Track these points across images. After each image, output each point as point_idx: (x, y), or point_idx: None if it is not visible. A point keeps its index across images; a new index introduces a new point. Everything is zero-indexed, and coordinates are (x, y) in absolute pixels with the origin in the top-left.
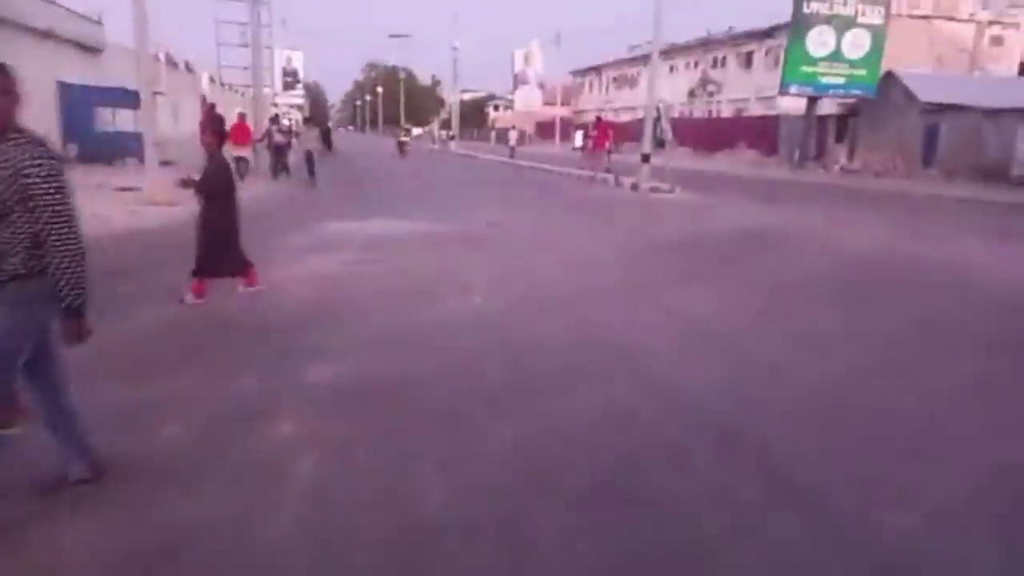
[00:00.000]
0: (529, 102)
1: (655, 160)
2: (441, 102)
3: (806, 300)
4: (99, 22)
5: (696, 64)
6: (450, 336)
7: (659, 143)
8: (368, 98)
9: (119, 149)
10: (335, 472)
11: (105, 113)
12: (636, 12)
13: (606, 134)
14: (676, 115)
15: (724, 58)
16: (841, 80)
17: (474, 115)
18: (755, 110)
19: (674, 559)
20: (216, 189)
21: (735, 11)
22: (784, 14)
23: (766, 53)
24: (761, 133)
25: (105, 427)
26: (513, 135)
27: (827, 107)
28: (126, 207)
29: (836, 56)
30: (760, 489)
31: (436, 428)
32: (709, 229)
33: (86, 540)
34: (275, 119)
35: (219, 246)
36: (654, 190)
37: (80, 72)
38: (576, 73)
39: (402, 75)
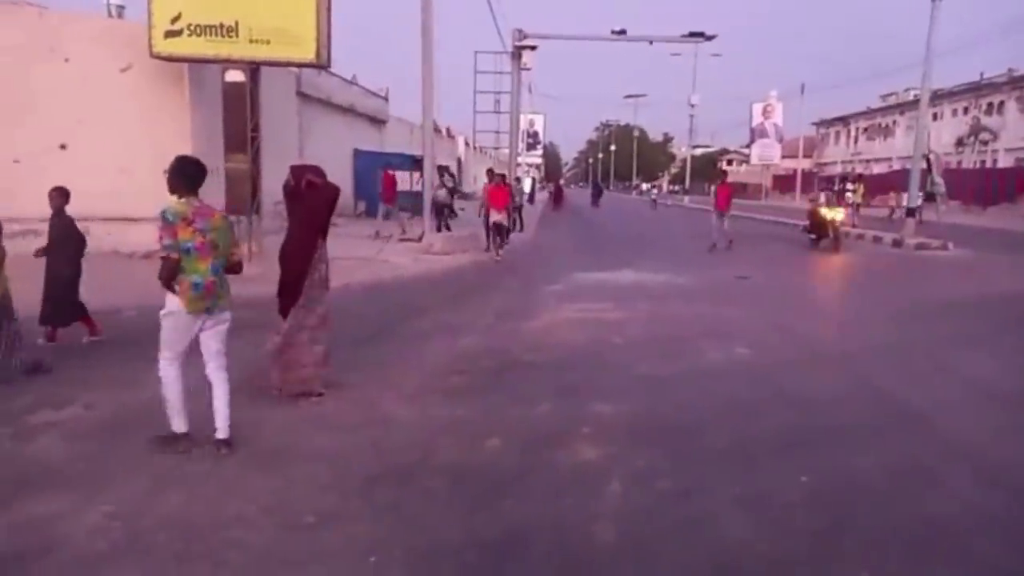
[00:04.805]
0: (766, 155)
1: (926, 215)
2: (672, 157)
3: None
4: (385, 98)
5: (965, 111)
6: (721, 383)
7: (929, 196)
8: (600, 155)
9: (397, 206)
10: (641, 495)
11: None
12: (886, 61)
13: (727, 196)
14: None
15: (1001, 103)
16: None
17: (705, 169)
18: None
19: None
20: (60, 240)
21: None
22: None
23: None
24: None
25: (441, 435)
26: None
27: None
28: (412, 256)
29: None
30: None
31: (727, 467)
32: (993, 289)
33: (450, 525)
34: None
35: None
36: (921, 246)
37: (370, 141)
38: (820, 124)
39: (636, 133)
